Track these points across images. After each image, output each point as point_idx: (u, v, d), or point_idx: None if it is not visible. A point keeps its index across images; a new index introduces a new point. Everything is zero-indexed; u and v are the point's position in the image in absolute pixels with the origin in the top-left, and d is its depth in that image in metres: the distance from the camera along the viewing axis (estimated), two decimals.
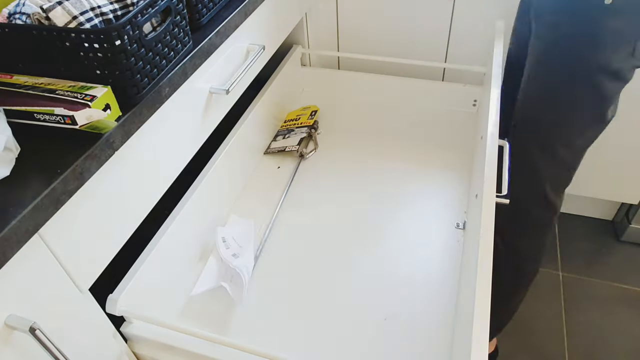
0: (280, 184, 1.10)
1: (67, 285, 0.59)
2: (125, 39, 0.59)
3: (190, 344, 0.73)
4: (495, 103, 0.87)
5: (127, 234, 0.69)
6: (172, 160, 0.77)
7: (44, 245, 0.55)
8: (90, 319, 0.65)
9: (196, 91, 0.80)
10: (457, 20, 1.23)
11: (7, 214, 0.49)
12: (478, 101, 1.25)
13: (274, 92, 1.19)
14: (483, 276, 0.59)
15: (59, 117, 0.56)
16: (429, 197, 1.04)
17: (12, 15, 0.62)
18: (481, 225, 0.66)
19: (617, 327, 1.31)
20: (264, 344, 0.79)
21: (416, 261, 0.91)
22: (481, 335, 0.53)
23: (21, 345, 0.54)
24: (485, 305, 0.56)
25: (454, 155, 1.14)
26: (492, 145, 0.79)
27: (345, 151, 1.17)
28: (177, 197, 0.87)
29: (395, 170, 1.11)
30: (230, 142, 1.00)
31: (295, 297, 0.87)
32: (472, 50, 1.27)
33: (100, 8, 0.61)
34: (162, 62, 0.68)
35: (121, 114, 0.61)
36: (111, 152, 0.60)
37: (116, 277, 0.74)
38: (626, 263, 1.47)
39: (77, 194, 0.57)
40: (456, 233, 0.96)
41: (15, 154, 0.56)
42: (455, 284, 0.87)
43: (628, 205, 1.51)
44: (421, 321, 0.82)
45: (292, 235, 0.98)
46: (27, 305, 0.54)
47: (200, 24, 0.81)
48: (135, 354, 0.77)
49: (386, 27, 1.30)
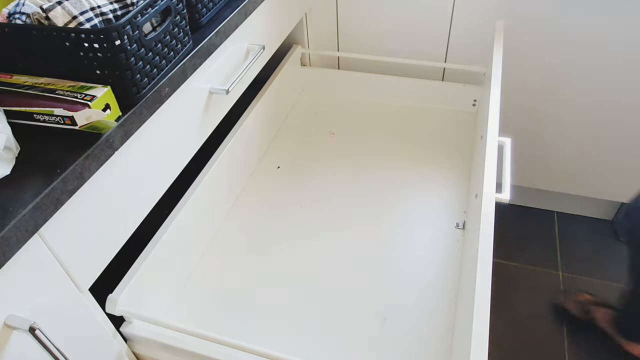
0: (280, 184, 1.10)
1: (67, 285, 0.59)
2: (125, 39, 0.59)
3: (190, 344, 0.73)
4: (495, 103, 0.87)
5: (127, 234, 0.69)
6: (172, 160, 0.77)
7: (44, 245, 0.55)
8: (90, 319, 0.65)
9: (196, 91, 0.80)
10: (457, 20, 1.23)
11: (7, 214, 0.49)
12: (478, 101, 1.25)
13: (274, 92, 1.19)
14: (483, 276, 0.59)
15: (58, 118, 0.56)
16: (429, 197, 1.04)
17: (12, 15, 0.62)
18: (481, 225, 0.66)
19: None
20: (264, 344, 0.79)
21: (416, 261, 0.91)
22: (481, 335, 0.53)
23: (21, 345, 0.54)
24: (485, 305, 0.56)
25: (453, 155, 1.14)
26: (492, 144, 0.79)
27: (345, 151, 1.17)
28: (177, 197, 0.87)
29: (395, 169, 1.11)
30: (230, 142, 1.00)
31: (295, 297, 0.87)
32: (472, 50, 1.27)
33: (100, 8, 0.61)
34: (161, 62, 0.68)
35: (121, 114, 0.61)
36: (111, 152, 0.60)
37: (116, 277, 0.74)
38: (626, 263, 1.47)
39: (77, 194, 0.57)
40: (456, 233, 0.96)
41: (15, 154, 0.56)
42: (455, 284, 0.87)
43: None
44: (421, 321, 0.82)
45: (292, 236, 0.98)
46: (27, 305, 0.54)
47: (200, 24, 0.81)
48: (135, 354, 0.77)
49: (386, 27, 1.30)
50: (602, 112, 1.27)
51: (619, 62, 1.17)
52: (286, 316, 0.84)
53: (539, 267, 1.42)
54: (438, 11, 1.23)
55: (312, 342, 0.80)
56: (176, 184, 0.81)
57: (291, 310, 0.85)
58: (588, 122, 1.30)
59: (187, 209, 0.87)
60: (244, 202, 1.06)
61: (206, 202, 0.94)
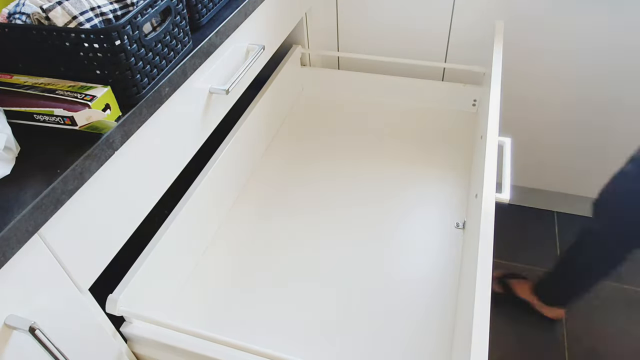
0: (280, 184, 1.10)
1: (67, 285, 0.59)
2: (125, 39, 0.59)
3: (190, 344, 0.73)
4: (495, 103, 0.87)
5: (127, 234, 0.69)
6: (172, 160, 0.77)
7: (44, 245, 0.55)
8: (90, 319, 0.65)
9: (196, 91, 0.80)
10: (457, 20, 1.23)
11: (7, 214, 0.49)
12: (478, 101, 1.25)
13: (274, 92, 1.19)
14: (483, 276, 0.59)
15: (58, 118, 0.56)
16: (429, 197, 1.04)
17: (12, 15, 0.62)
18: (481, 225, 0.66)
19: (617, 328, 1.30)
20: (264, 343, 0.79)
21: (416, 261, 0.91)
22: (481, 335, 0.53)
23: (21, 345, 0.54)
24: (485, 305, 0.56)
25: (453, 155, 1.14)
26: (492, 144, 0.79)
27: (345, 151, 1.17)
28: (177, 197, 0.87)
29: (395, 169, 1.11)
30: (230, 142, 1.00)
31: (295, 297, 0.87)
32: (472, 50, 1.27)
33: (100, 8, 0.61)
34: (161, 62, 0.68)
35: (121, 114, 0.61)
36: (111, 152, 0.60)
37: (116, 277, 0.74)
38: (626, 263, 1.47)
39: (77, 194, 0.57)
40: (456, 233, 0.96)
41: (15, 153, 0.56)
42: (455, 284, 0.87)
43: None
44: (421, 321, 0.82)
45: (292, 236, 0.98)
46: (27, 305, 0.54)
47: (200, 24, 0.81)
48: (135, 354, 0.77)
49: (386, 27, 1.30)
50: (602, 112, 1.27)
51: (619, 62, 1.17)
52: (286, 316, 0.84)
53: (539, 267, 1.42)
54: (438, 11, 1.23)
55: (312, 342, 0.80)
56: (176, 184, 0.81)
57: (291, 310, 0.85)
58: (588, 122, 1.30)
59: (187, 209, 0.87)
60: (244, 202, 1.06)
61: (206, 202, 0.94)
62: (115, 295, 0.72)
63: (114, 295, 0.72)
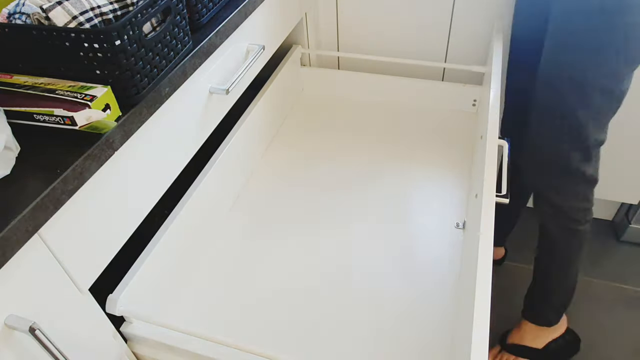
0: (280, 185, 1.10)
1: (67, 285, 0.59)
2: (125, 39, 0.59)
3: (190, 344, 0.73)
4: (495, 103, 0.87)
5: (127, 234, 0.69)
6: (172, 160, 0.77)
7: (44, 245, 0.55)
8: (90, 319, 0.65)
9: (196, 91, 0.80)
10: (457, 20, 1.23)
11: (7, 214, 0.49)
12: (478, 101, 1.25)
13: (274, 92, 1.19)
14: (483, 276, 0.59)
15: (58, 118, 0.56)
16: (429, 197, 1.04)
17: (12, 15, 0.62)
18: (481, 225, 0.66)
19: (617, 327, 1.30)
20: (264, 344, 0.79)
21: (416, 261, 0.91)
22: (481, 335, 0.53)
23: (21, 345, 0.54)
24: (485, 305, 0.56)
25: (454, 155, 1.14)
26: (492, 145, 0.79)
27: (345, 151, 1.17)
28: (177, 197, 0.87)
29: (395, 170, 1.11)
30: (230, 142, 1.00)
31: (295, 297, 0.87)
32: (472, 50, 1.27)
33: (100, 8, 0.61)
34: (161, 62, 0.68)
35: (121, 114, 0.61)
36: (111, 152, 0.60)
37: (116, 277, 0.74)
38: (626, 263, 1.47)
39: (77, 194, 0.57)
40: (456, 233, 0.96)
41: (15, 153, 0.56)
42: (455, 283, 0.87)
43: (628, 205, 1.51)
44: (421, 321, 0.82)
45: (292, 236, 0.98)
46: (27, 305, 0.54)
47: (200, 24, 0.81)
48: (135, 354, 0.77)
49: (386, 27, 1.30)
50: None
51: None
52: (286, 316, 0.84)
53: None
54: (438, 11, 1.23)
55: (312, 342, 0.80)
56: (176, 183, 0.81)
57: (291, 310, 0.85)
58: None
59: (187, 209, 0.87)
60: (244, 202, 1.06)
61: (206, 202, 0.94)
62: (115, 295, 0.72)
63: (114, 295, 0.72)
